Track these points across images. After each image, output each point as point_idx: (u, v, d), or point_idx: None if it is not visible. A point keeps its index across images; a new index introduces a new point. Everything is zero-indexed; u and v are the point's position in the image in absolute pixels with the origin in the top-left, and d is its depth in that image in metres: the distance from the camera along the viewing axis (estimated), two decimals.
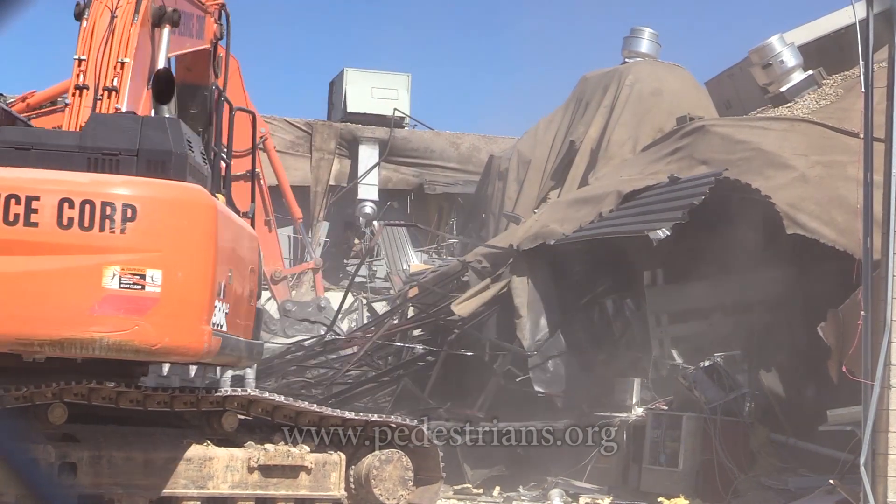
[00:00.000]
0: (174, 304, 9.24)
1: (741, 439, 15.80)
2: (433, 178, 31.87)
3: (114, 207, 9.18)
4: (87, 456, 9.96)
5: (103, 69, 11.04)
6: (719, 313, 17.70)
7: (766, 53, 21.28)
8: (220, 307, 9.74)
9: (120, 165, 9.45)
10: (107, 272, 9.10)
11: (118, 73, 11.01)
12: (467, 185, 30.40)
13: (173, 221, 9.38)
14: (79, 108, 10.90)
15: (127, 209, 9.20)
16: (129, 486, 10.11)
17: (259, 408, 10.85)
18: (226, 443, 10.67)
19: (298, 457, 10.82)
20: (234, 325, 10.27)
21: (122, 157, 9.45)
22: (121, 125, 9.71)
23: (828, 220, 15.52)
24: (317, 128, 31.86)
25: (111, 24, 11.26)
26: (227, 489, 10.53)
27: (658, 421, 16.07)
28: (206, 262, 9.49)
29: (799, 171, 16.47)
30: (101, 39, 11.20)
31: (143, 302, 9.12)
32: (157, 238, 9.26)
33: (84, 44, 11.27)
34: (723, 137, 18.29)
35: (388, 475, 11.09)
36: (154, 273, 9.16)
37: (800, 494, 14.68)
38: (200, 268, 9.45)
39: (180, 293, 9.29)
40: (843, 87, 19.68)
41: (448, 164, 32.19)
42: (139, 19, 11.30)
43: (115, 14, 11.29)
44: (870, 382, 12.63)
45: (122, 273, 9.12)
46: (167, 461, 10.29)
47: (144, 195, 9.31)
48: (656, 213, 17.46)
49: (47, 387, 9.75)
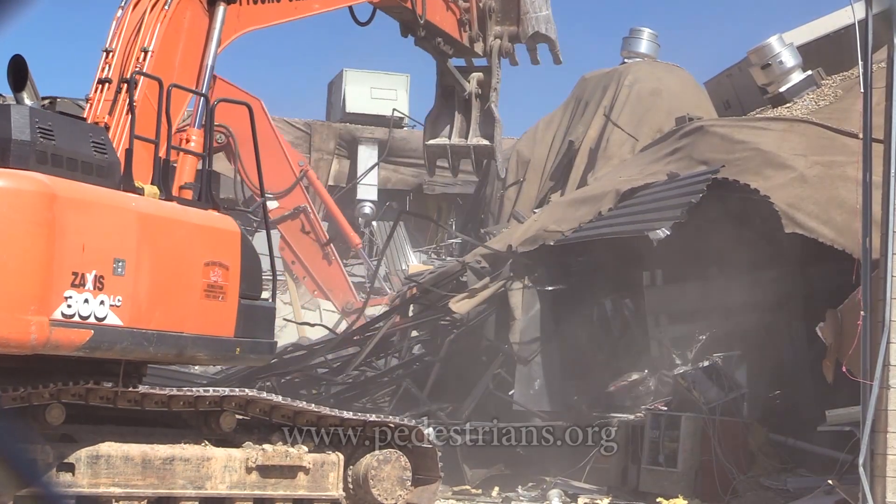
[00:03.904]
0: None
1: (740, 440, 15.80)
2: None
3: None
4: (84, 456, 9.92)
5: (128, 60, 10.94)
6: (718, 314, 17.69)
7: (765, 54, 21.27)
8: (94, 298, 9.37)
9: None
10: None
11: (140, 63, 10.91)
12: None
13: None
14: (98, 102, 10.80)
15: None
16: (127, 486, 10.06)
17: (257, 408, 10.81)
18: (224, 443, 10.65)
19: (297, 457, 10.81)
20: (162, 319, 9.96)
21: None
22: None
23: (826, 220, 15.51)
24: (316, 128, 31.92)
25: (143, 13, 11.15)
26: (225, 489, 10.52)
27: (657, 421, 16.06)
28: (35, 251, 9.11)
29: (798, 172, 16.47)
30: (131, 29, 11.10)
31: None
32: None
33: (114, 35, 11.17)
34: (722, 137, 18.28)
35: (387, 475, 11.10)
36: None
37: (798, 495, 14.68)
38: (26, 257, 9.09)
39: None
40: (843, 87, 19.67)
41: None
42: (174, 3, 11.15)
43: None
44: (869, 382, 12.63)
45: None
46: (165, 461, 10.26)
47: None
48: (655, 213, 17.46)
49: (45, 387, 9.69)
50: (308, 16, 13.19)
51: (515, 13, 16.76)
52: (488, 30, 16.57)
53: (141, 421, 10.38)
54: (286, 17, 12.80)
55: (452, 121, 17.03)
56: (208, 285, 10.45)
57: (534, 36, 17.10)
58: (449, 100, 17.03)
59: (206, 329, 10.45)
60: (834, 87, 20.15)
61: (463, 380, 18.65)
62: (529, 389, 18.22)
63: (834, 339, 13.92)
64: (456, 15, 16.08)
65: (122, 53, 10.99)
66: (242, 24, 12.09)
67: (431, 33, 15.69)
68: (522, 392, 18.16)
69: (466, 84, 16.73)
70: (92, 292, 9.40)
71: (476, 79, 16.80)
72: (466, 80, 16.77)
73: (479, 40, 16.52)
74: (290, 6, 12.75)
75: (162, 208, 10.27)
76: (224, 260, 10.60)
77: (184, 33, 11.37)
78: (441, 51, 16.22)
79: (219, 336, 10.58)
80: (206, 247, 10.50)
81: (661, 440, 15.75)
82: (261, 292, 11.27)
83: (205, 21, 11.54)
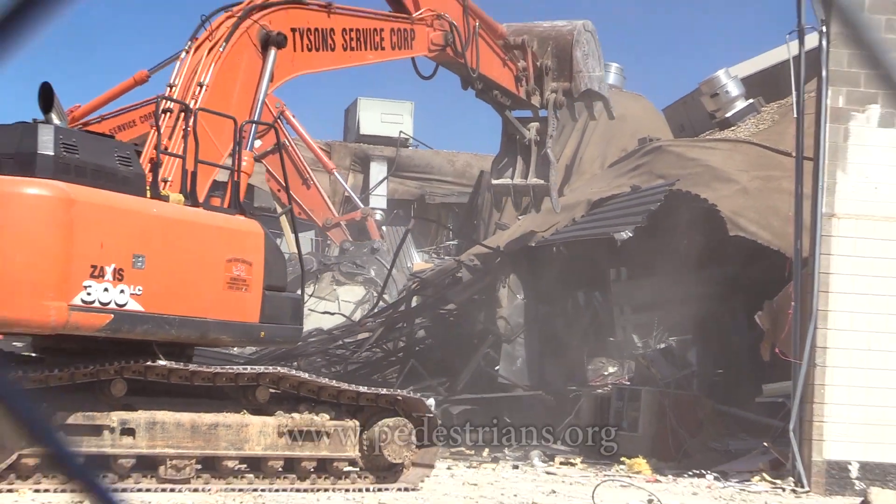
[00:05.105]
0: (11, 283, 9.00)
1: (690, 409, 15.83)
2: (433, 190, 31.96)
3: None
4: (143, 422, 9.97)
5: (185, 92, 10.98)
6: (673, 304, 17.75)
7: (713, 85, 21.34)
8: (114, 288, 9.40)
9: (2, 167, 9.32)
10: None
11: (195, 95, 10.95)
12: (461, 196, 30.46)
13: (13, 212, 9.11)
14: (161, 129, 10.81)
15: None
16: (179, 447, 10.12)
17: (287, 383, 10.85)
18: (259, 412, 10.67)
19: (320, 424, 10.83)
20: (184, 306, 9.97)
21: (3, 159, 9.35)
22: (9, 134, 9.57)
23: (765, 225, 15.57)
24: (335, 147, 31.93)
25: (203, 55, 11.18)
26: (260, 450, 10.55)
27: (621, 394, 16.10)
28: (53, 247, 9.15)
29: (741, 185, 16.52)
30: (193, 66, 11.15)
31: None
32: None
33: (178, 72, 11.23)
34: (677, 156, 18.34)
35: (395, 439, 11.09)
36: None
37: (739, 455, 14.75)
38: (45, 252, 9.14)
39: (18, 274, 9.05)
40: (779, 113, 19.73)
41: (445, 179, 32.26)
42: (229, 47, 11.17)
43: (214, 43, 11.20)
44: (799, 362, 12.69)
45: None
46: (210, 427, 10.30)
47: None
48: (620, 218, 17.51)
49: (110, 365, 9.80)
50: (360, 65, 13.04)
51: (569, 71, 16.62)
52: (545, 85, 16.47)
53: (190, 393, 10.40)
54: (338, 64, 12.68)
55: (515, 163, 17.00)
56: (231, 278, 10.44)
57: (587, 93, 17.05)
58: (511, 145, 17.03)
59: (229, 315, 10.46)
60: (771, 113, 20.20)
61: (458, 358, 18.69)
62: (513, 366, 18.25)
63: (770, 326, 13.99)
64: (513, 72, 16.03)
65: (183, 87, 11.07)
66: (296, 68, 12.07)
67: (488, 86, 15.66)
68: (507, 368, 18.21)
69: (526, 132, 16.72)
70: (111, 282, 9.44)
71: (535, 127, 16.78)
72: (526, 129, 16.75)
73: (536, 94, 16.44)
74: (343, 55, 12.64)
75: (184, 213, 10.27)
76: (247, 257, 10.60)
77: (241, 72, 11.39)
78: (499, 102, 16.21)
79: (243, 322, 10.60)
80: (229, 245, 10.51)
81: (625, 410, 15.77)
82: (286, 285, 11.22)
83: (258, 62, 11.55)
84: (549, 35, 16.55)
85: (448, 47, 14.27)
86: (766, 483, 12.75)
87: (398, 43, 13.50)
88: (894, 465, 12.57)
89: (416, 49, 13.97)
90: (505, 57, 15.85)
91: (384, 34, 13.23)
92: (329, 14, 12.40)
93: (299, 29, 11.98)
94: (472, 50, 14.70)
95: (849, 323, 12.63)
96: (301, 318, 11.45)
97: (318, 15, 12.29)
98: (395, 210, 31.82)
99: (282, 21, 11.78)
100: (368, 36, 12.97)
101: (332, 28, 12.40)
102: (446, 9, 14.35)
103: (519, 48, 16.15)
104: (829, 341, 12.62)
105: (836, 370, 12.60)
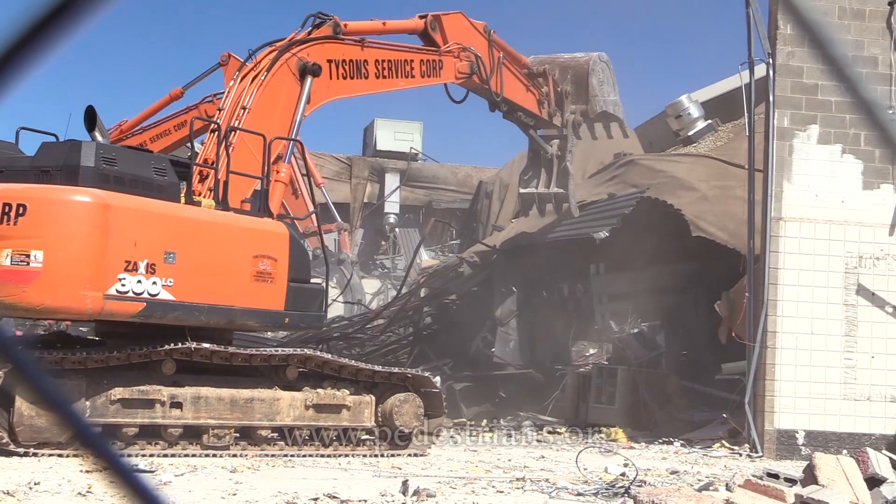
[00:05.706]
0: (54, 275, 9.00)
1: (660, 385, 15.81)
2: (438, 198, 31.88)
3: (10, 206, 9.08)
4: (189, 396, 9.96)
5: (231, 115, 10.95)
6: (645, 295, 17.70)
7: (677, 107, 21.30)
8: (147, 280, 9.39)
9: (52, 178, 9.32)
10: (2, 253, 9.02)
11: (239, 117, 10.91)
12: (463, 203, 30.44)
13: (57, 215, 9.11)
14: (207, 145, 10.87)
15: (20, 207, 9.06)
16: (220, 418, 10.11)
17: (313, 363, 10.80)
18: (289, 388, 10.63)
19: (341, 398, 10.80)
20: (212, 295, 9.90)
21: (53, 171, 9.36)
22: (58, 149, 9.57)
23: (722, 227, 15.53)
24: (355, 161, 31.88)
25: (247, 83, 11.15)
26: (289, 421, 10.52)
27: (600, 372, 16.07)
28: (90, 245, 9.14)
29: (701, 192, 16.48)
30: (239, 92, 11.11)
31: (27, 274, 8.96)
32: (39, 227, 9.03)
33: (226, 96, 11.23)
34: (647, 168, 18.29)
35: (406, 411, 11.06)
36: (37, 253, 8.99)
37: (701, 424, 14.68)
38: (83, 249, 9.13)
39: (60, 268, 9.04)
40: (733, 131, 19.68)
41: (449, 188, 32.19)
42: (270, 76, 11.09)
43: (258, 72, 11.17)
44: (752, 344, 12.65)
45: (13, 254, 9.00)
46: (247, 401, 10.28)
47: (34, 197, 9.12)
48: (599, 221, 17.47)
49: (161, 348, 9.77)
50: (392, 90, 12.89)
51: (585, 95, 16.54)
52: (565, 107, 16.39)
53: (229, 372, 10.37)
54: (371, 90, 12.54)
55: (539, 175, 16.93)
56: (258, 272, 10.37)
57: (603, 114, 16.92)
58: (536, 159, 16.97)
59: (256, 304, 10.39)
60: (727, 132, 20.16)
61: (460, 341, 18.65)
62: (507, 347, 18.21)
63: (727, 313, 13.94)
64: (535, 96, 15.96)
65: (230, 110, 11.03)
66: (332, 93, 11.97)
67: (513, 108, 15.58)
68: (501, 349, 18.15)
69: (549, 148, 16.64)
70: (144, 275, 9.40)
71: (556, 144, 16.69)
72: (549, 145, 16.66)
73: (557, 115, 16.37)
74: (376, 82, 12.50)
75: (213, 215, 10.21)
76: (272, 253, 10.55)
77: (283, 97, 11.34)
78: (523, 122, 16.13)
79: (269, 309, 10.53)
80: (256, 243, 10.45)
81: (604, 386, 15.75)
82: (309, 278, 11.14)
83: (297, 88, 11.48)
84: (569, 65, 16.46)
85: (474, 75, 14.17)
86: (726, 449, 12.68)
87: (427, 72, 13.41)
88: (835, 432, 12.51)
89: (443, 77, 13.86)
90: (528, 84, 15.79)
91: (414, 64, 13.14)
92: (363, 48, 12.31)
93: (335, 60, 11.91)
94: (496, 78, 14.61)
95: (794, 310, 12.59)
96: (323, 307, 11.37)
97: (352, 48, 12.21)
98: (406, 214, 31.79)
99: (318, 53, 11.72)
100: (400, 66, 12.88)
101: (365, 59, 12.32)
102: (473, 43, 14.23)
103: (542, 76, 16.09)
104: (778, 326, 12.57)
105: (784, 351, 12.55)
